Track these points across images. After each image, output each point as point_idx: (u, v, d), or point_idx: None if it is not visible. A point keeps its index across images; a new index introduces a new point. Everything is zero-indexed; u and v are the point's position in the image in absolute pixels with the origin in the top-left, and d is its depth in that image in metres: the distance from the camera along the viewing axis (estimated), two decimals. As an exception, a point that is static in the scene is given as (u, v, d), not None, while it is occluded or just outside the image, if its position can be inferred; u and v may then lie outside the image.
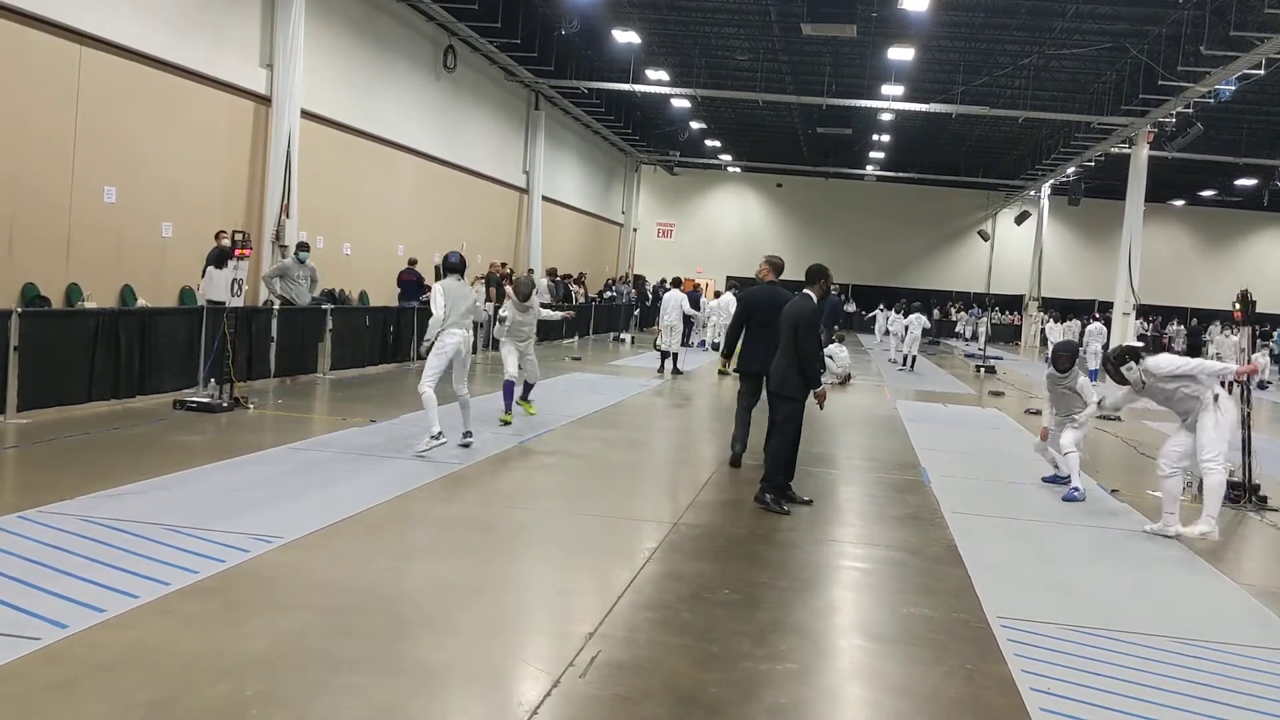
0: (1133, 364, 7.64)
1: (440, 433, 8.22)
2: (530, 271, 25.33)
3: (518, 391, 10.85)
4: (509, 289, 11.51)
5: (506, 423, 10.28)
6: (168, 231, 14.32)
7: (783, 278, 9.20)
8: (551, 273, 26.12)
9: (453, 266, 8.91)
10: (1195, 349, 33.82)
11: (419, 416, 9.03)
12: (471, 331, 8.82)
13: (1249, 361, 9.24)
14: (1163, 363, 7.73)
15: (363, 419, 9.99)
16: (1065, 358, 9.07)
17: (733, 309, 18.35)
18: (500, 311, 10.88)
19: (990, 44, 24.28)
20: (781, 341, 7.60)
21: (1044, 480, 9.16)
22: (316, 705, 3.73)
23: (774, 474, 7.54)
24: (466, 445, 8.68)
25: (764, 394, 8.17)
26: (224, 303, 10.84)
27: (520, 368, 10.61)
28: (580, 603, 5.18)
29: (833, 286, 8.75)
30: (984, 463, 10.32)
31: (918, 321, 23.03)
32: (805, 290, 7.63)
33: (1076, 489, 8.54)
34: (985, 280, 43.60)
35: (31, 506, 5.99)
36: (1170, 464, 7.54)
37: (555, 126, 30.39)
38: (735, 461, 9.06)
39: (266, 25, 15.94)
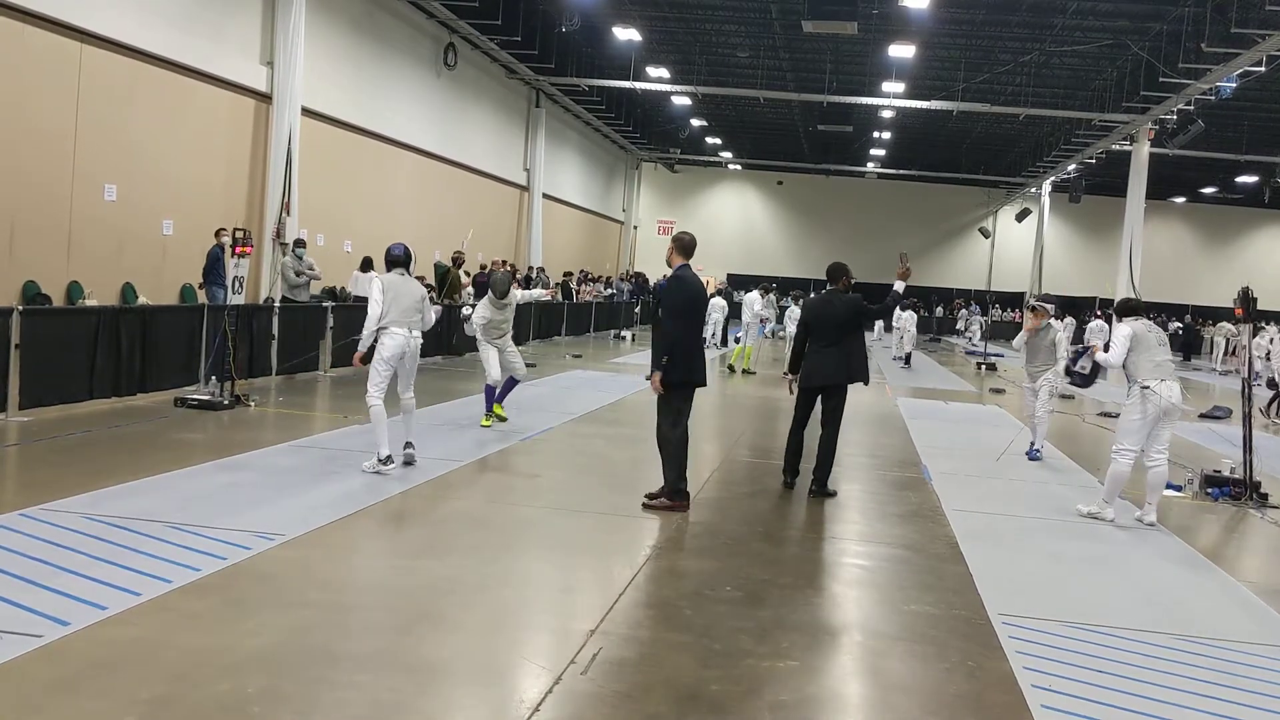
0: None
1: (389, 456, 7.53)
2: (505, 264, 24.34)
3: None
4: (487, 283, 10.41)
5: (486, 426, 9.99)
6: (168, 229, 14.32)
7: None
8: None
9: (396, 259, 7.91)
10: (1192, 346, 33.84)
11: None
12: (418, 332, 7.84)
13: (1249, 360, 9.40)
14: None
15: (364, 417, 9.94)
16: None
17: (770, 313, 18.50)
18: (477, 310, 10.19)
19: (991, 41, 24.27)
20: (838, 338, 8.02)
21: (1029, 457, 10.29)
22: (318, 702, 3.73)
23: (830, 461, 7.90)
24: (409, 460, 7.86)
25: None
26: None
27: (502, 366, 10.12)
28: (582, 600, 5.18)
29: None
30: (985, 460, 10.31)
31: (910, 319, 23.13)
32: (831, 288, 8.20)
33: (1038, 449, 10.36)
34: (986, 277, 43.58)
35: (33, 504, 5.99)
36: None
37: (556, 124, 30.38)
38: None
39: (267, 23, 15.94)
